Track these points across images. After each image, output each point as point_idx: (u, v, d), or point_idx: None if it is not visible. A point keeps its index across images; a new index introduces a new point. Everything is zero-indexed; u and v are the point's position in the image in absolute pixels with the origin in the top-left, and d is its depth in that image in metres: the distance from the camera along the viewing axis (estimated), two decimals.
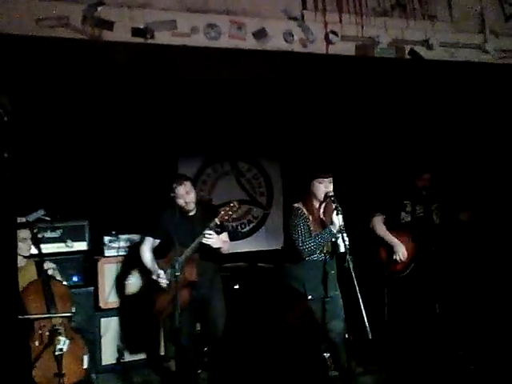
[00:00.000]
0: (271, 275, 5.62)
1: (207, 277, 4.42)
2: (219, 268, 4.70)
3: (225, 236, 4.50)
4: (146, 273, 4.66)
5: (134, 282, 5.35)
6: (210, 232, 4.22)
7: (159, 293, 4.38)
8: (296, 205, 4.35)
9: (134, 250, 5.35)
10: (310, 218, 4.23)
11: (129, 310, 5.30)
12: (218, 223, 4.26)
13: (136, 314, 5.25)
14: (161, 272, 4.38)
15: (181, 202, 4.34)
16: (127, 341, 5.28)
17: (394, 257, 4.99)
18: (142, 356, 5.34)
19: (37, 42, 3.19)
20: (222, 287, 4.59)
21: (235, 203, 4.30)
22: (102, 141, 5.63)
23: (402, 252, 4.98)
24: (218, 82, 5.02)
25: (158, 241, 4.57)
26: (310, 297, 4.07)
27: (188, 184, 4.39)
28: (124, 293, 5.32)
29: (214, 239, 4.25)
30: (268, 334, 1.30)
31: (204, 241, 4.22)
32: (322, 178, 4.19)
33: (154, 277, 4.39)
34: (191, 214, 4.46)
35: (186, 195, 4.33)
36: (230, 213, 4.26)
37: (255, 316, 1.34)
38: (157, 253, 4.58)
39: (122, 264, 5.35)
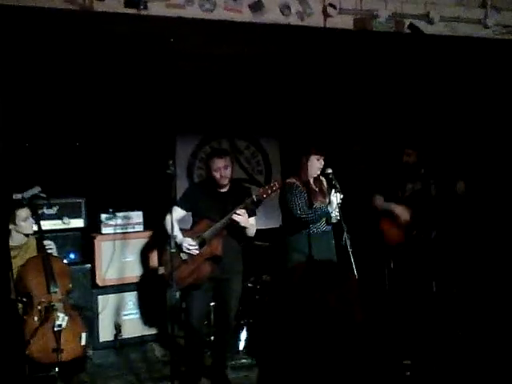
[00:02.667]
0: (269, 253, 5.62)
1: (231, 256, 4.34)
2: (241, 250, 4.55)
3: (253, 220, 4.39)
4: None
5: (132, 260, 5.35)
6: (243, 210, 4.15)
7: (178, 263, 4.23)
8: (290, 180, 4.48)
9: (131, 227, 5.40)
10: (305, 191, 4.40)
11: (128, 286, 5.32)
12: (255, 200, 4.18)
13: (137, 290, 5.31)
14: (188, 239, 4.26)
15: (217, 175, 4.25)
16: (125, 318, 5.29)
17: (399, 220, 5.07)
18: (139, 333, 5.35)
19: (26, 13, 3.13)
20: (243, 269, 4.51)
21: (276, 183, 4.23)
22: (99, 117, 5.58)
23: (404, 214, 5.08)
24: (215, 57, 4.95)
25: (184, 213, 4.44)
26: None
27: (227, 159, 4.30)
28: (123, 270, 5.31)
29: (244, 218, 4.17)
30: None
31: (234, 217, 4.14)
32: (318, 155, 4.37)
33: (185, 244, 4.24)
34: (223, 190, 4.37)
35: (224, 169, 4.24)
36: (269, 191, 4.16)
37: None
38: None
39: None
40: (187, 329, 4.41)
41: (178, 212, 4.40)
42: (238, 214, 4.14)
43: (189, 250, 4.26)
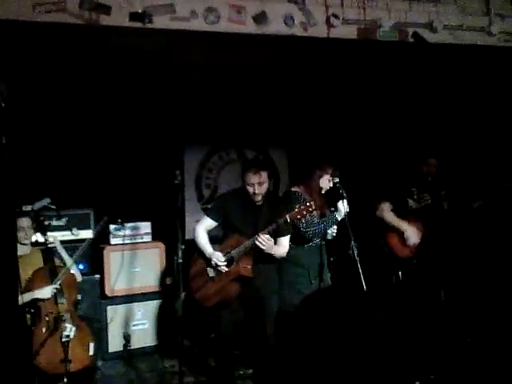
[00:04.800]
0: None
1: (263, 276, 4.12)
2: (277, 268, 4.30)
3: (285, 240, 4.14)
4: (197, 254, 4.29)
5: (140, 271, 5.38)
6: (267, 236, 3.91)
7: (203, 279, 4.12)
8: (295, 189, 4.42)
9: (139, 237, 5.43)
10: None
11: (137, 297, 5.34)
12: (288, 221, 3.92)
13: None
14: (219, 254, 4.06)
15: (250, 190, 4.03)
16: (134, 328, 5.31)
17: (407, 242, 4.98)
18: (148, 343, 5.37)
19: (34, 28, 3.19)
20: (280, 289, 4.27)
21: (312, 204, 3.95)
22: (107, 128, 5.63)
23: (413, 237, 4.98)
24: (222, 68, 4.99)
25: (215, 224, 4.23)
26: (313, 281, 4.21)
27: (264, 175, 4.05)
28: (132, 280, 5.34)
29: (267, 245, 3.93)
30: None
31: (257, 242, 3.92)
32: (331, 175, 4.28)
33: (214, 259, 4.04)
34: (258, 203, 4.15)
35: (258, 186, 4.01)
36: (305, 213, 3.92)
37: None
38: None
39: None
40: (217, 350, 4.27)
41: (208, 222, 4.23)
42: (261, 241, 3.91)
43: (217, 266, 4.08)
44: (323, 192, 4.40)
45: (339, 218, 4.26)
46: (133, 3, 3.41)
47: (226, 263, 4.06)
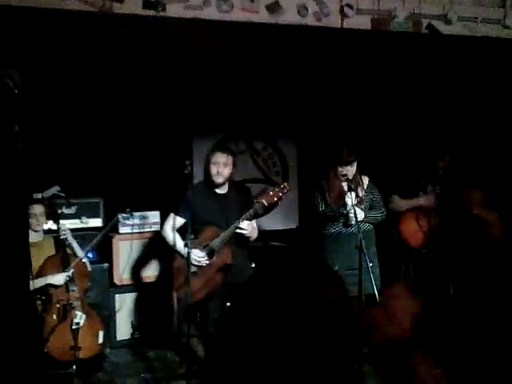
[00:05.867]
0: (285, 254, 5.61)
1: (239, 261, 4.24)
2: (248, 252, 4.48)
3: (254, 222, 4.25)
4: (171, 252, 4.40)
5: (149, 261, 5.39)
6: (247, 222, 4.02)
7: (185, 276, 4.07)
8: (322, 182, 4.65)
9: (148, 227, 5.43)
10: (330, 194, 4.55)
11: (144, 287, 5.34)
12: (267, 205, 4.03)
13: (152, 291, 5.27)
14: (196, 251, 4.10)
15: (213, 170, 4.12)
16: (141, 317, 5.32)
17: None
18: (155, 332, 5.38)
19: (47, 15, 3.18)
20: (253, 271, 4.38)
21: (286, 185, 4.11)
22: (117, 117, 5.62)
23: (430, 200, 5.08)
24: (232, 58, 4.96)
25: (182, 220, 4.28)
26: (335, 268, 4.27)
27: (230, 158, 4.17)
28: (139, 271, 5.35)
29: (250, 229, 4.06)
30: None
31: (238, 231, 4.03)
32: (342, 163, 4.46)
33: (193, 256, 4.05)
34: (221, 191, 4.25)
35: (222, 166, 4.11)
36: (280, 194, 4.03)
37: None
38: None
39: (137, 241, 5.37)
40: (207, 339, 4.30)
41: (177, 220, 4.27)
42: (244, 227, 4.02)
43: (199, 262, 4.13)
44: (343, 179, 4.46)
45: (344, 212, 4.39)
46: None
47: (206, 257, 4.12)
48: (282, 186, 4.09)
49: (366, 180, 4.70)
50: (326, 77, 5.69)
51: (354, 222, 4.31)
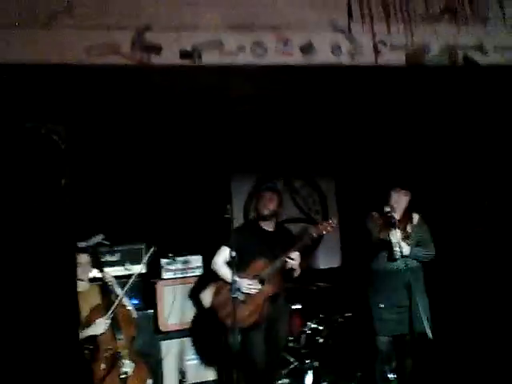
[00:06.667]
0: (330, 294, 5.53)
1: (280, 296, 4.44)
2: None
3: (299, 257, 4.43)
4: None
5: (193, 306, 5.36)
6: (297, 253, 4.25)
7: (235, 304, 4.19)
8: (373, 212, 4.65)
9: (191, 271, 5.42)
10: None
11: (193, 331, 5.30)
12: (315, 236, 4.27)
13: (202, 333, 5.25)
14: (245, 280, 4.31)
15: (260, 206, 4.46)
16: (189, 363, 5.26)
17: None
18: (204, 378, 5.31)
19: (87, 71, 3.28)
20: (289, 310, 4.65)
21: (334, 220, 4.35)
22: (157, 164, 5.72)
23: None
24: (269, 99, 5.01)
25: (233, 253, 4.31)
26: (381, 305, 4.37)
27: (275, 195, 4.54)
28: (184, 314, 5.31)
29: (299, 261, 4.28)
30: None
31: (289, 260, 4.25)
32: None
33: (244, 285, 4.29)
34: (269, 229, 4.51)
35: (268, 201, 4.44)
36: (329, 229, 4.27)
37: None
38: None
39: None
40: (252, 371, 4.35)
41: (227, 253, 4.41)
42: (294, 257, 4.24)
43: (249, 289, 4.30)
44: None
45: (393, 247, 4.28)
46: (182, 41, 3.48)
47: (258, 286, 4.31)
48: (330, 221, 4.32)
49: (416, 217, 4.62)
50: (363, 114, 5.68)
51: (398, 256, 4.27)
